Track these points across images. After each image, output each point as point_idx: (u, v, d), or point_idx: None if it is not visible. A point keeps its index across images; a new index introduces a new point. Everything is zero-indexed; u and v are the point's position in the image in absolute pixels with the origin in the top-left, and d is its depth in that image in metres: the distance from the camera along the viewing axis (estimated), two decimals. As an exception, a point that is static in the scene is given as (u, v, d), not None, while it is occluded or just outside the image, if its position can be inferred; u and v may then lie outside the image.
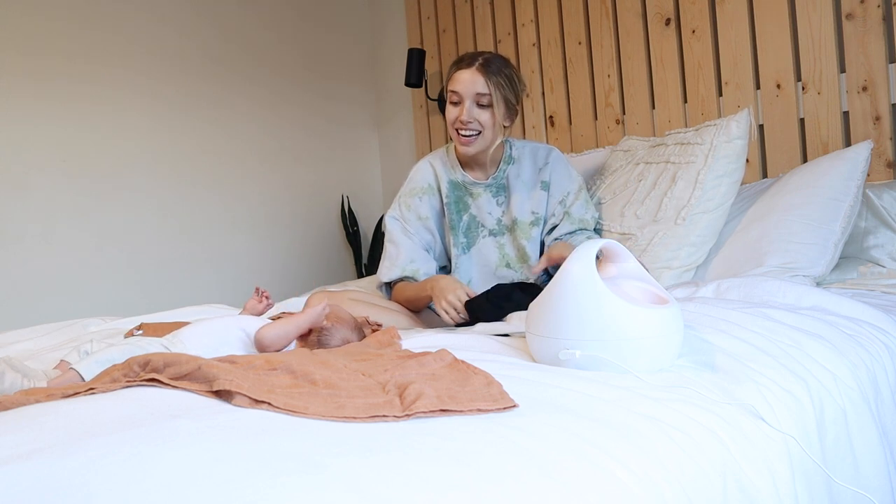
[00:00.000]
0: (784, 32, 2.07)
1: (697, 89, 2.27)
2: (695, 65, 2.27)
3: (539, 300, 1.06)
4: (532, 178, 1.84)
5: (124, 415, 0.78)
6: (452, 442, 0.70)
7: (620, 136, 2.44)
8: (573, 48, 2.60)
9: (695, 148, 1.80)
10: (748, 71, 2.15)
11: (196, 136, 2.80)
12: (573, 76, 2.61)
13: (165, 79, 2.72)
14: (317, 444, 0.69)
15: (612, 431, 0.77)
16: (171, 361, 0.92)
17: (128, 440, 0.68)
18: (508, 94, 1.72)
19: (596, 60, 2.54)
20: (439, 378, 0.89)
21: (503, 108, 1.72)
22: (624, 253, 1.11)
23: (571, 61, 2.61)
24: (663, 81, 2.35)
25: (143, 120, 2.66)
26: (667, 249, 1.72)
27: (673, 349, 1.01)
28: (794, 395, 0.96)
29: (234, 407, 0.81)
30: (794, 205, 1.70)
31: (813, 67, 2.03)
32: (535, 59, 2.73)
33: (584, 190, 1.85)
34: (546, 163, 1.84)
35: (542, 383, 0.91)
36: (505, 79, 1.72)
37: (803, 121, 2.06)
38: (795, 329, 1.17)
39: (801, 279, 1.57)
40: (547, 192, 1.82)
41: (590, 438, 0.74)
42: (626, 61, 2.45)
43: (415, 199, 1.86)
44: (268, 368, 0.93)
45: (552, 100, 2.69)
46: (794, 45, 2.06)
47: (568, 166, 1.86)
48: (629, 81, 2.44)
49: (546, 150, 1.87)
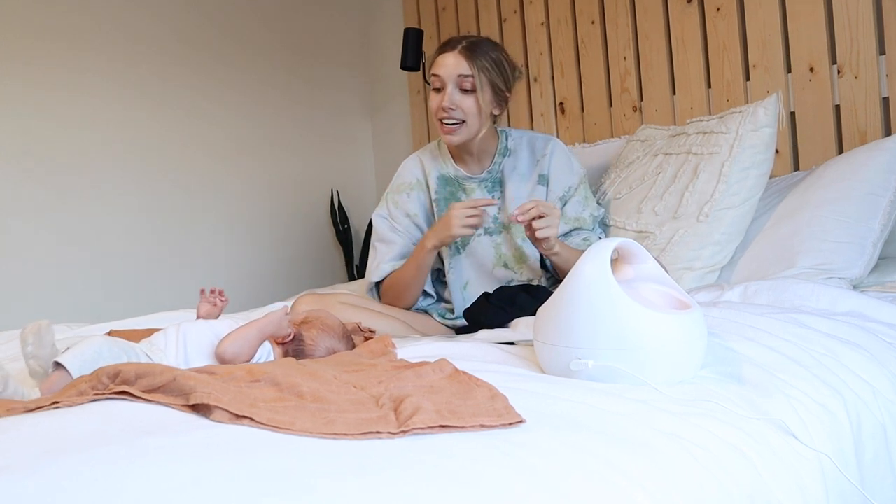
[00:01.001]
0: (818, 10, 2.07)
1: (722, 73, 2.27)
2: (719, 46, 2.27)
3: (548, 304, 1.07)
4: (529, 170, 1.84)
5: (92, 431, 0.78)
6: (453, 461, 0.71)
7: (637, 124, 2.44)
8: (585, 27, 2.61)
9: (719, 137, 1.80)
10: (778, 53, 2.15)
11: (170, 126, 2.80)
12: (585, 59, 2.62)
13: (137, 62, 2.72)
14: (304, 463, 0.69)
15: (629, 449, 0.77)
16: (144, 372, 0.92)
17: (96, 459, 0.69)
18: (495, 78, 1.72)
19: (611, 41, 2.54)
20: (438, 391, 0.89)
21: (489, 93, 1.72)
22: (641, 253, 1.11)
23: (584, 42, 2.61)
24: (685, 64, 2.35)
25: (110, 107, 2.66)
26: (688, 249, 1.72)
27: (695, 359, 1.01)
28: (829, 409, 0.96)
29: (213, 422, 0.81)
30: (829, 200, 1.70)
31: (850, 49, 2.03)
32: (543, 39, 2.73)
33: (584, 185, 1.85)
34: (544, 154, 1.84)
35: (552, 396, 0.91)
36: (491, 62, 1.72)
37: (839, 108, 2.06)
38: (830, 337, 1.17)
39: (836, 282, 1.57)
40: (546, 186, 1.82)
41: (604, 457, 0.74)
42: (644, 42, 2.45)
43: (402, 196, 1.87)
44: (250, 380, 0.93)
45: (562, 85, 2.69)
46: (828, 25, 2.06)
47: (569, 157, 1.86)
48: (647, 64, 2.44)
49: (544, 141, 1.86)
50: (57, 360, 1.07)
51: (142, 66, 2.73)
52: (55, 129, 2.54)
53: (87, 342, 1.11)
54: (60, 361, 1.07)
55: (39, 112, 2.51)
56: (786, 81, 2.15)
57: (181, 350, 1.18)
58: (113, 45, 2.66)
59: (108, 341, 1.13)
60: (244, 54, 3.01)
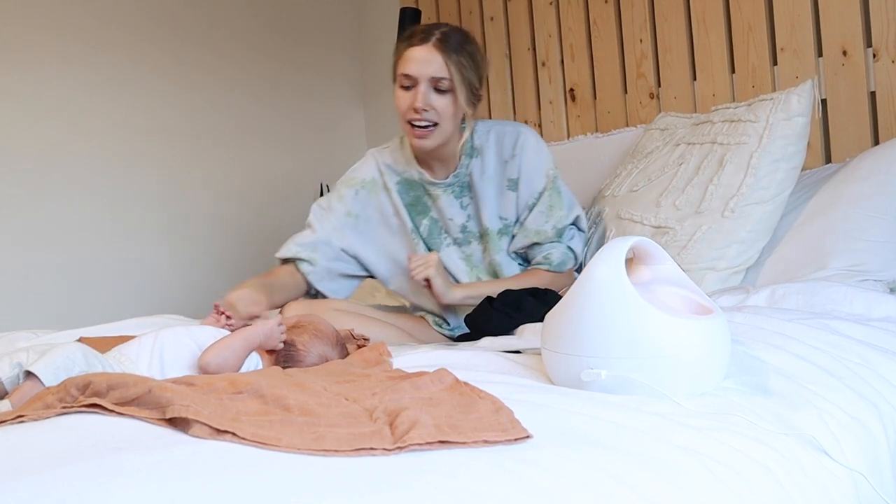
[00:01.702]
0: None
1: (747, 57, 2.27)
2: (744, 28, 2.27)
3: (557, 310, 1.07)
4: (498, 174, 1.80)
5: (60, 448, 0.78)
6: (454, 480, 0.71)
7: (654, 113, 2.44)
8: (598, 7, 2.61)
9: (747, 126, 1.80)
10: (808, 35, 2.15)
11: (142, 117, 2.80)
12: (598, 41, 2.62)
13: (103, 43, 2.71)
14: (291, 482, 0.69)
15: (645, 467, 0.77)
16: (116, 384, 0.92)
17: (64, 478, 0.69)
18: (471, 75, 1.69)
19: (625, 22, 2.54)
20: (438, 403, 0.89)
21: (465, 93, 1.69)
22: (659, 253, 1.11)
23: (596, 23, 2.61)
24: (706, 47, 2.35)
25: (78, 96, 2.65)
26: (711, 247, 1.72)
27: (718, 369, 1.01)
28: (864, 423, 0.97)
29: (192, 438, 0.81)
30: (864, 195, 1.70)
31: (886, 30, 2.03)
32: (552, 20, 2.73)
33: (552, 188, 1.79)
34: (513, 154, 1.78)
35: (561, 409, 0.91)
36: (467, 57, 1.68)
37: (874, 94, 2.06)
38: (865, 344, 1.17)
39: (871, 284, 1.58)
40: (515, 192, 1.78)
41: (618, 475, 0.74)
42: (662, 23, 2.45)
43: (349, 192, 1.86)
44: (232, 392, 0.93)
45: (573, 69, 2.69)
46: (863, 4, 2.06)
47: (539, 156, 1.79)
48: (665, 48, 2.44)
49: (513, 136, 1.80)
50: (28, 369, 1.08)
51: (110, 50, 2.73)
52: (18, 119, 2.54)
53: (59, 349, 1.11)
54: (32, 370, 1.07)
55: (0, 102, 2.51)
56: (817, 66, 2.14)
57: (156, 361, 1.18)
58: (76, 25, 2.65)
59: (80, 348, 1.13)
60: (222, 36, 3.01)
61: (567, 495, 0.70)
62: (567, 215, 1.79)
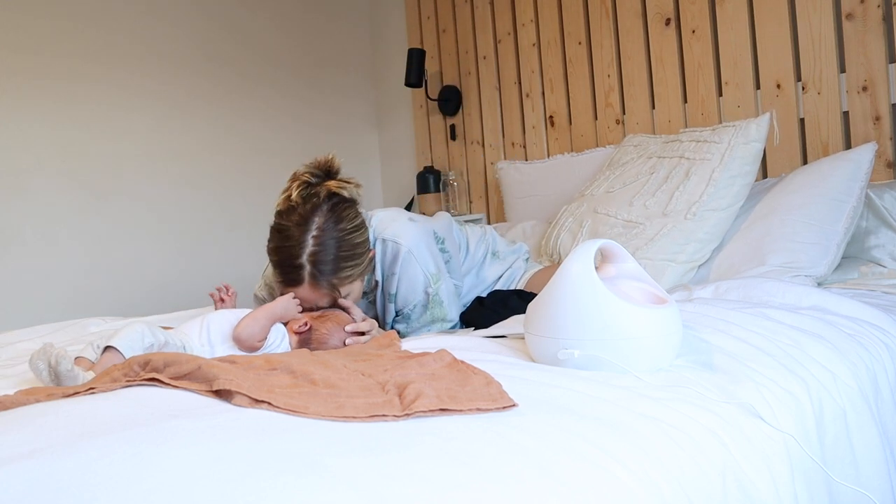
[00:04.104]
0: (784, 32, 2.08)
1: (697, 89, 2.27)
2: (695, 65, 2.27)
3: (538, 300, 1.07)
4: (378, 278, 1.55)
5: (124, 415, 0.78)
6: (452, 441, 0.71)
7: (620, 136, 2.45)
8: (573, 48, 2.61)
9: (711, 146, 1.80)
10: (748, 71, 2.15)
11: (194, 138, 2.80)
12: (573, 76, 2.62)
13: (165, 78, 2.72)
14: (317, 444, 0.69)
15: (612, 431, 0.77)
16: (171, 361, 0.92)
17: (128, 440, 0.69)
18: (355, 271, 1.39)
19: (596, 60, 2.54)
20: (439, 378, 0.89)
21: (360, 281, 1.43)
22: (622, 253, 1.11)
23: (571, 61, 2.62)
24: (663, 81, 2.35)
25: (139, 119, 2.66)
26: (674, 243, 1.72)
27: (672, 349, 1.01)
28: (794, 394, 0.97)
29: (234, 407, 0.81)
30: (798, 204, 1.70)
31: (813, 67, 2.03)
32: (535, 59, 2.74)
33: (421, 305, 1.52)
34: (393, 273, 1.52)
35: (542, 383, 0.91)
36: (343, 261, 1.36)
37: (803, 121, 2.06)
38: (795, 329, 1.17)
39: (802, 279, 1.58)
40: (393, 303, 1.56)
41: (589, 438, 0.74)
42: (626, 61, 2.45)
43: None
44: (268, 368, 0.93)
45: (552, 100, 2.70)
46: (794, 45, 2.07)
47: (416, 279, 1.50)
48: (629, 81, 2.45)
49: (392, 255, 1.51)
50: (109, 343, 1.11)
51: (169, 83, 2.73)
52: (92, 141, 2.55)
53: (130, 327, 1.14)
54: (112, 344, 1.10)
55: (74, 125, 2.51)
56: (755, 97, 2.15)
57: (205, 335, 1.23)
58: (142, 63, 2.66)
59: (147, 325, 1.16)
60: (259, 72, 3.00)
61: (546, 454, 0.70)
62: (445, 306, 1.54)
